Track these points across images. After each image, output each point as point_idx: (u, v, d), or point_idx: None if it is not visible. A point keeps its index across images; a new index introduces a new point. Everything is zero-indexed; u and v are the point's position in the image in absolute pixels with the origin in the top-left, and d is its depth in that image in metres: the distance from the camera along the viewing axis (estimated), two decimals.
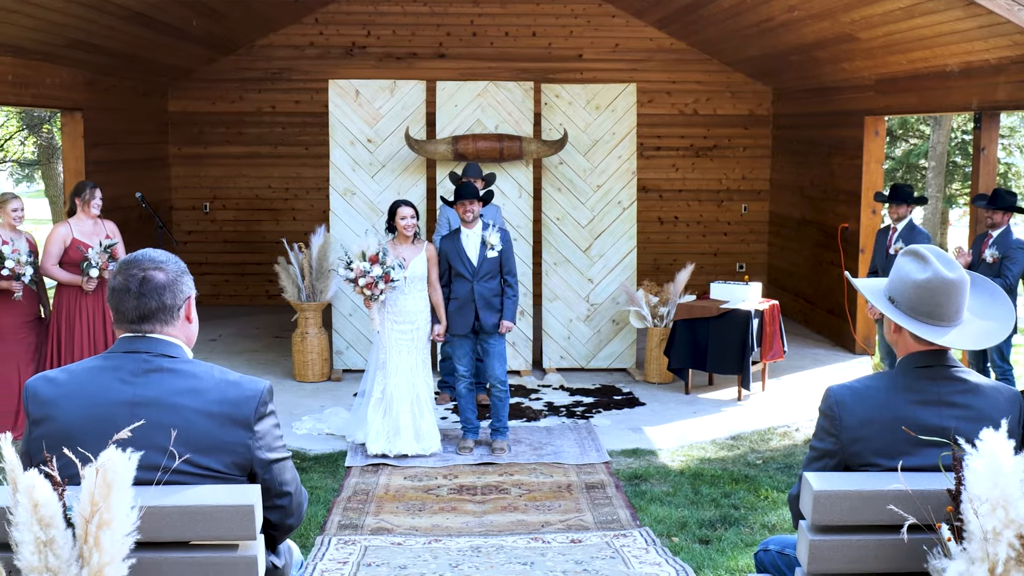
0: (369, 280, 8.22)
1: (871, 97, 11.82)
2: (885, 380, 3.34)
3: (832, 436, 3.30)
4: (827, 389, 3.35)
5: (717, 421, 9.38)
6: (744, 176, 15.59)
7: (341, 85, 11.14)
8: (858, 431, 3.25)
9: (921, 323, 3.28)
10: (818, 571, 3.00)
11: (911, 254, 3.36)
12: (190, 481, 2.90)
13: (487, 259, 8.39)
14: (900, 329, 3.34)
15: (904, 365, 3.33)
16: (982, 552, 2.67)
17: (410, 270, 8.34)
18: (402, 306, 8.42)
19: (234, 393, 3.01)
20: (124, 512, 2.63)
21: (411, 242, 8.44)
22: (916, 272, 3.30)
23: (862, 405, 3.27)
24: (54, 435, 2.90)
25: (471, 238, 8.44)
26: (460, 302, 8.38)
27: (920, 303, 3.28)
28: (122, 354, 3.00)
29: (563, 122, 11.19)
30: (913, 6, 8.98)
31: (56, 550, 2.58)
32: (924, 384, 3.27)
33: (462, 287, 8.37)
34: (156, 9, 10.81)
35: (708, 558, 5.96)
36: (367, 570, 5.81)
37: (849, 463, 3.27)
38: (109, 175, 12.04)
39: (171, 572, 2.80)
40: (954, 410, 3.20)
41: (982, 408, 3.23)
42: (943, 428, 3.13)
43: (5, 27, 8.87)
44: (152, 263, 3.05)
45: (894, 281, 3.37)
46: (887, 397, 3.27)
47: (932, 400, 3.24)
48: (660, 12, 14.26)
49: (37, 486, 2.59)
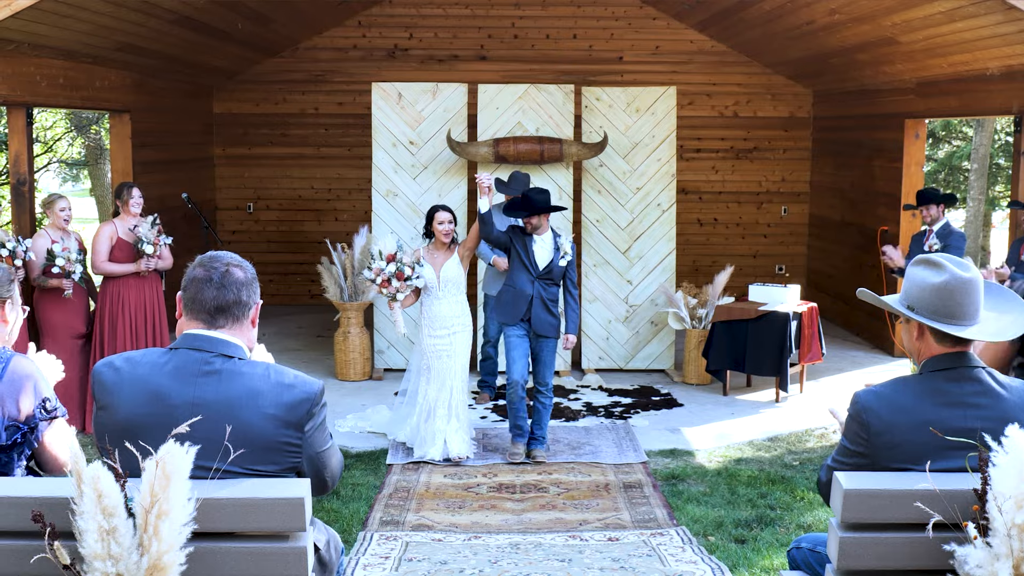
0: (384, 277, 8.18)
1: (911, 100, 11.83)
2: (911, 384, 3.43)
3: (864, 441, 3.38)
4: (854, 395, 3.44)
5: (755, 422, 9.44)
6: (784, 178, 15.61)
7: (384, 88, 11.29)
8: (887, 436, 3.34)
9: (944, 323, 3.37)
10: (848, 567, 3.09)
11: (923, 262, 3.46)
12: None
13: (556, 265, 8.22)
14: (922, 334, 3.44)
15: (928, 368, 3.41)
16: (1006, 547, 2.75)
17: (444, 274, 8.24)
18: (437, 312, 8.30)
19: (288, 397, 3.15)
20: (182, 503, 2.77)
21: (447, 247, 8.33)
22: (932, 277, 3.40)
23: (890, 410, 3.36)
24: (115, 425, 3.06)
25: (540, 243, 8.25)
26: (516, 293, 8.20)
27: (941, 305, 3.37)
28: (186, 350, 3.15)
29: (603, 125, 11.28)
30: (954, 10, 9.01)
31: (118, 538, 2.72)
32: (948, 386, 3.35)
33: (521, 279, 8.20)
34: (202, 12, 11.00)
35: (743, 557, 6.04)
36: (408, 564, 5.94)
37: (882, 465, 3.33)
38: (155, 175, 12.26)
39: (225, 561, 2.94)
40: (978, 411, 3.28)
41: (1006, 408, 3.30)
42: (969, 429, 3.21)
43: (58, 31, 9.08)
44: (234, 261, 3.25)
45: (910, 289, 3.46)
46: (914, 401, 3.36)
47: (956, 402, 3.32)
48: (701, 14, 14.31)
49: (101, 477, 2.74)
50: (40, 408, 3.64)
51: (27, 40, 8.85)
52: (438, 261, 8.31)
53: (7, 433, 3.59)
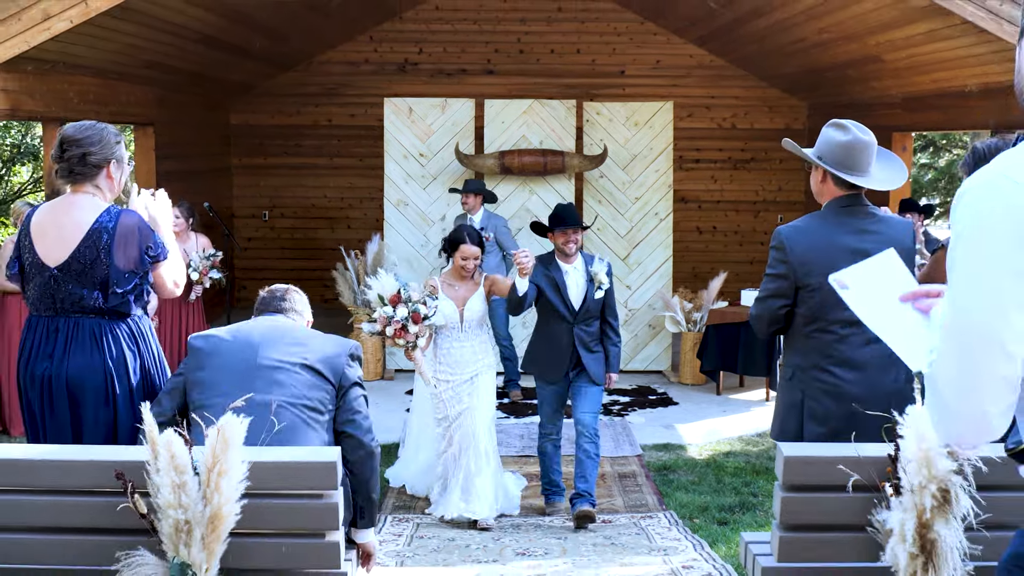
0: (396, 326, 6.69)
1: (898, 114, 12.40)
2: (818, 219, 4.53)
3: (784, 263, 4.44)
4: (775, 230, 4.54)
5: (745, 419, 10.02)
6: (780, 187, 16.18)
7: (396, 103, 11.91)
8: (802, 256, 4.40)
9: (846, 172, 4.40)
10: (789, 523, 3.68)
11: (835, 125, 4.48)
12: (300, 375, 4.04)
13: (593, 300, 6.97)
14: (825, 180, 4.50)
15: (831, 206, 4.50)
16: (911, 503, 3.33)
17: (468, 312, 7.05)
18: (459, 356, 7.05)
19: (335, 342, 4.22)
20: (237, 464, 3.38)
21: (471, 278, 7.12)
22: (840, 136, 4.43)
23: (804, 237, 4.46)
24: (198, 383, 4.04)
25: (572, 274, 6.99)
26: (553, 345, 6.97)
27: (844, 158, 4.40)
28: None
29: (603, 138, 11.87)
30: (932, 31, 9.57)
31: (187, 491, 3.33)
32: (847, 219, 4.46)
33: (558, 329, 6.96)
34: (223, 31, 11.63)
35: (723, 535, 6.62)
36: (419, 541, 6.55)
37: (799, 283, 4.41)
38: (176, 185, 12.80)
39: (270, 513, 3.54)
40: (871, 235, 4.33)
41: (888, 233, 4.41)
42: (863, 249, 3.99)
43: (91, 51, 9.71)
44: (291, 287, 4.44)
45: (821, 144, 4.48)
46: (822, 230, 4.45)
47: (854, 230, 4.41)
48: (700, 30, 14.90)
49: (173, 441, 3.35)
50: (144, 254, 4.45)
51: (63, 60, 9.47)
52: (460, 295, 7.08)
53: (126, 278, 4.43)
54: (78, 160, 4.46)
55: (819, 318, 4.38)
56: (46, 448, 3.88)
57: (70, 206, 4.47)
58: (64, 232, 4.40)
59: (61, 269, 4.38)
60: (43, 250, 4.42)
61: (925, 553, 3.33)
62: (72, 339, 4.40)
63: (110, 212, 4.42)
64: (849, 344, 4.33)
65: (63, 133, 4.53)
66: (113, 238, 4.36)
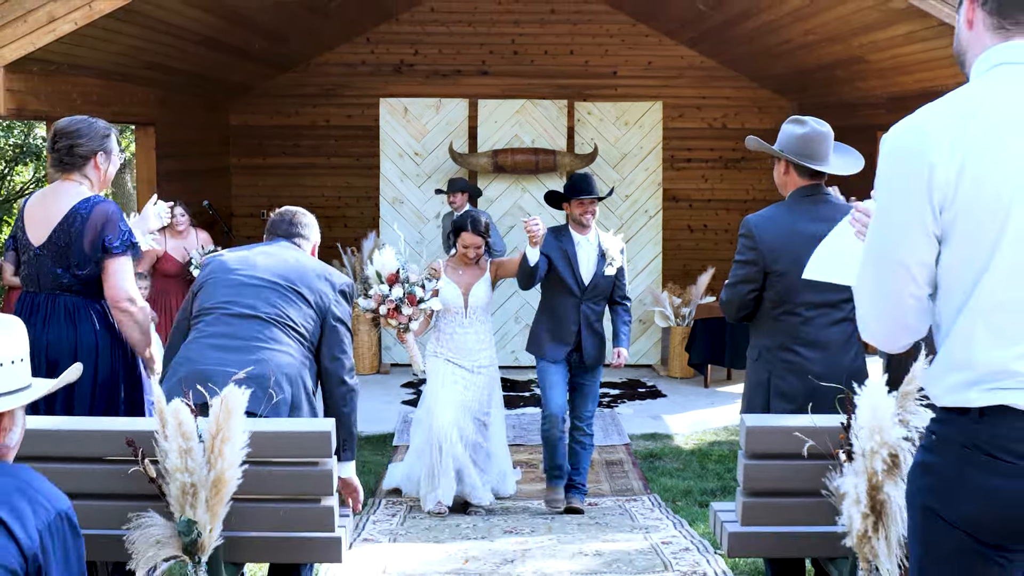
0: (390, 305, 6.67)
1: (883, 114, 12.66)
2: (784, 208, 4.82)
3: (753, 250, 4.69)
4: (744, 219, 4.80)
5: (731, 411, 10.28)
6: (770, 187, 16.37)
7: (391, 103, 12.20)
8: (770, 244, 4.65)
9: (807, 161, 4.69)
10: (752, 488, 3.97)
11: (793, 121, 4.82)
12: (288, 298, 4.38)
13: (603, 276, 6.86)
14: (788, 171, 4.80)
15: (794, 196, 4.79)
16: (862, 467, 3.61)
17: (473, 298, 7.04)
18: (462, 342, 7.03)
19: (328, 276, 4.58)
20: (239, 432, 3.65)
21: (475, 263, 7.11)
22: (798, 129, 4.75)
23: (772, 225, 4.72)
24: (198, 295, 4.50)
25: (584, 247, 6.88)
26: (559, 322, 6.82)
27: (804, 148, 4.70)
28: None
29: (594, 137, 12.16)
30: (911, 33, 9.84)
31: (193, 456, 3.60)
32: (810, 207, 4.73)
33: (564, 305, 6.81)
34: (223, 33, 11.89)
35: (703, 516, 6.89)
36: (412, 520, 6.84)
37: (767, 268, 4.65)
38: (177, 184, 13.11)
39: (270, 479, 3.82)
40: (833, 223, 4.42)
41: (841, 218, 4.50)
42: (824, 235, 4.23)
43: (95, 53, 9.97)
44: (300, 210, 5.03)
45: (781, 139, 4.78)
46: (787, 217, 4.71)
47: (817, 217, 4.61)
48: (691, 32, 15.16)
49: (181, 410, 3.62)
50: (102, 241, 4.69)
51: (67, 61, 9.73)
52: (464, 280, 7.06)
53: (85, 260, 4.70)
54: (67, 151, 4.82)
55: (786, 301, 4.66)
56: (63, 420, 4.19)
57: (57, 193, 4.84)
58: (48, 214, 4.78)
59: (42, 248, 4.76)
60: (30, 231, 4.81)
61: (875, 513, 3.61)
62: (50, 314, 4.76)
63: (89, 200, 4.77)
64: (814, 325, 4.62)
65: (56, 126, 4.89)
66: (86, 222, 4.70)
